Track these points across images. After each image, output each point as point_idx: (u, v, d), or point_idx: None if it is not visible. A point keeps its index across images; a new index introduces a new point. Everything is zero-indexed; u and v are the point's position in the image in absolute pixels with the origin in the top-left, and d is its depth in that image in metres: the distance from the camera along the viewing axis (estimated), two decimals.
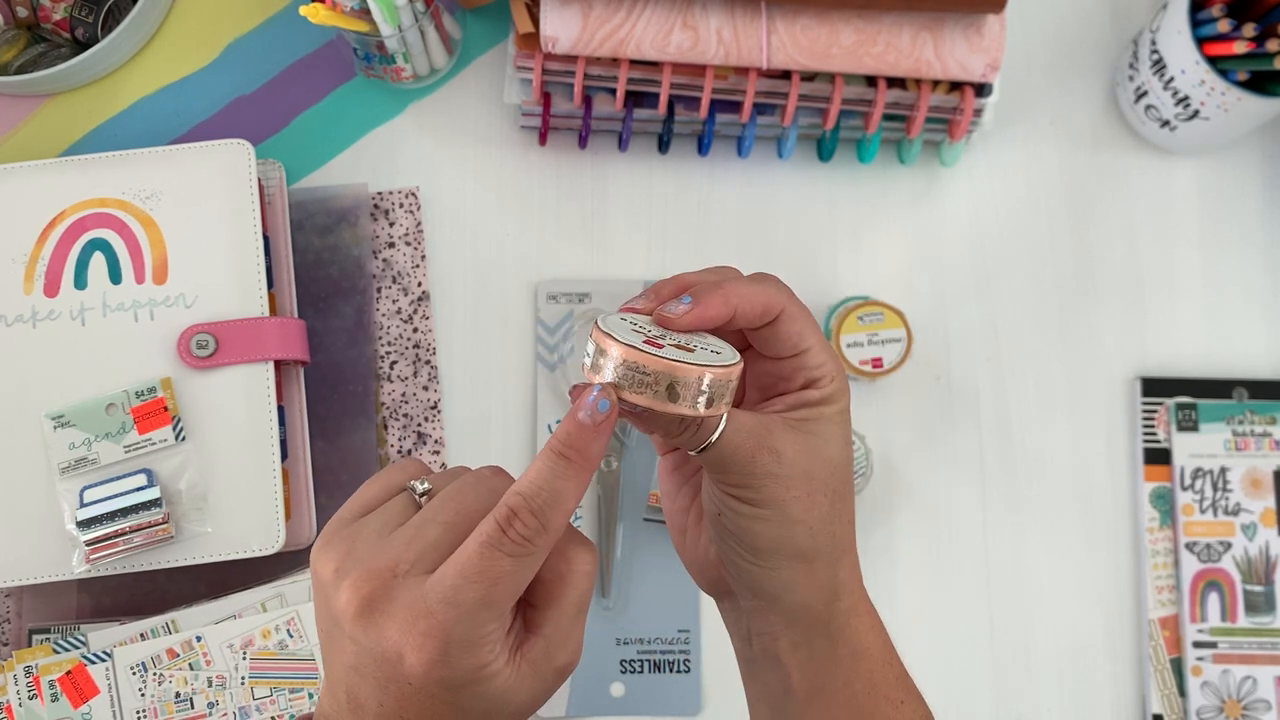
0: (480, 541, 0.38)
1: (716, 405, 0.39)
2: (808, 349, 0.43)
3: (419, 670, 0.38)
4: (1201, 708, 0.68)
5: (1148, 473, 0.71)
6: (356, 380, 0.71)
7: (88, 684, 0.63)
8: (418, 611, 0.38)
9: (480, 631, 0.38)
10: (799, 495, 0.42)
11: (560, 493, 0.39)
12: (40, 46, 0.74)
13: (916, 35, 0.65)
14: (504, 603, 0.38)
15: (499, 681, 0.40)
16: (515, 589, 0.39)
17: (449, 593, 0.38)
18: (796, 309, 0.43)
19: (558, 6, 0.65)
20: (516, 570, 0.38)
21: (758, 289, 0.43)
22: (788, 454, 0.42)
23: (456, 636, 0.38)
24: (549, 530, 0.39)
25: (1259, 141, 0.76)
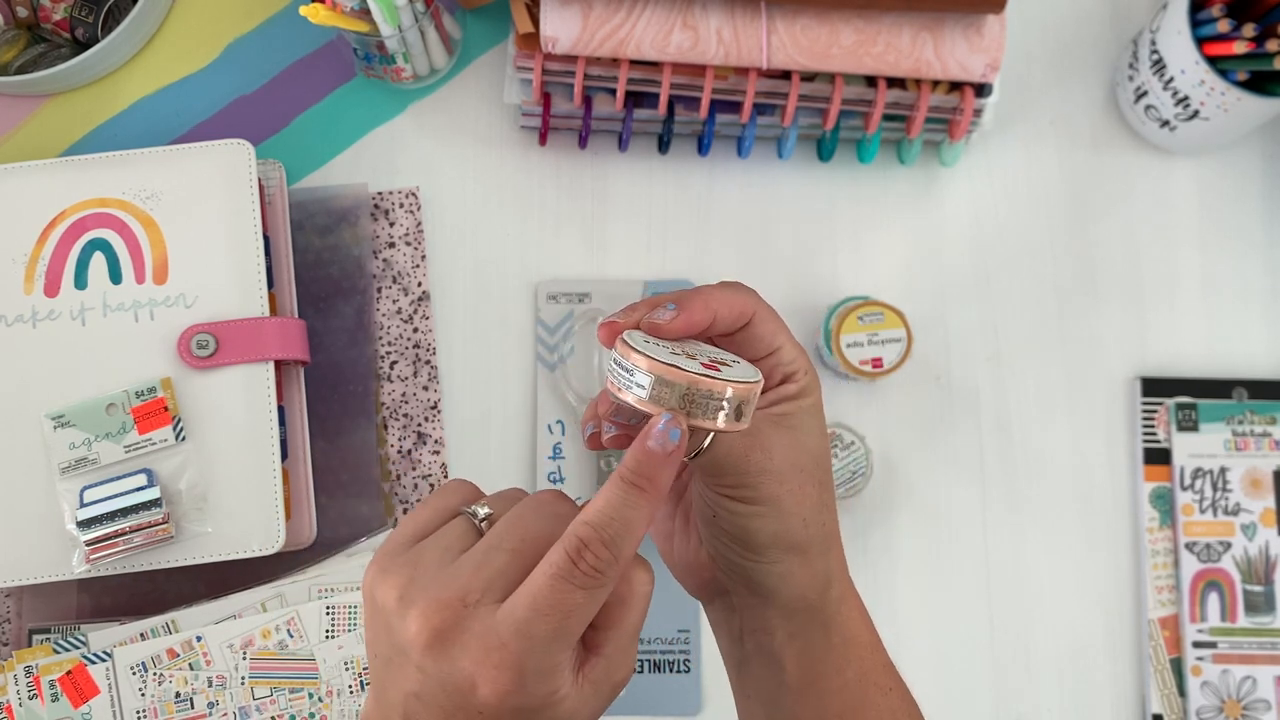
0: (551, 574, 0.38)
1: (744, 419, 0.39)
2: (779, 347, 0.45)
3: (493, 702, 0.38)
4: (1201, 708, 0.68)
5: (1148, 473, 0.71)
6: (357, 380, 0.71)
7: (88, 684, 0.63)
8: (491, 644, 0.38)
9: (553, 661, 0.38)
10: (792, 489, 0.43)
11: (631, 522, 0.39)
12: (40, 47, 0.74)
13: (916, 35, 0.65)
14: (576, 633, 0.39)
15: (567, 705, 0.40)
16: (586, 619, 0.39)
17: (522, 625, 0.38)
18: (766, 311, 0.45)
19: (558, 6, 0.65)
20: (588, 602, 0.38)
21: (732, 294, 0.44)
22: (777, 449, 0.43)
23: (531, 667, 0.38)
24: (620, 561, 0.39)
25: (1259, 141, 0.76)
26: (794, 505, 0.43)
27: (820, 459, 0.45)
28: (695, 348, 0.42)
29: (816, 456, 0.45)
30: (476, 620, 0.38)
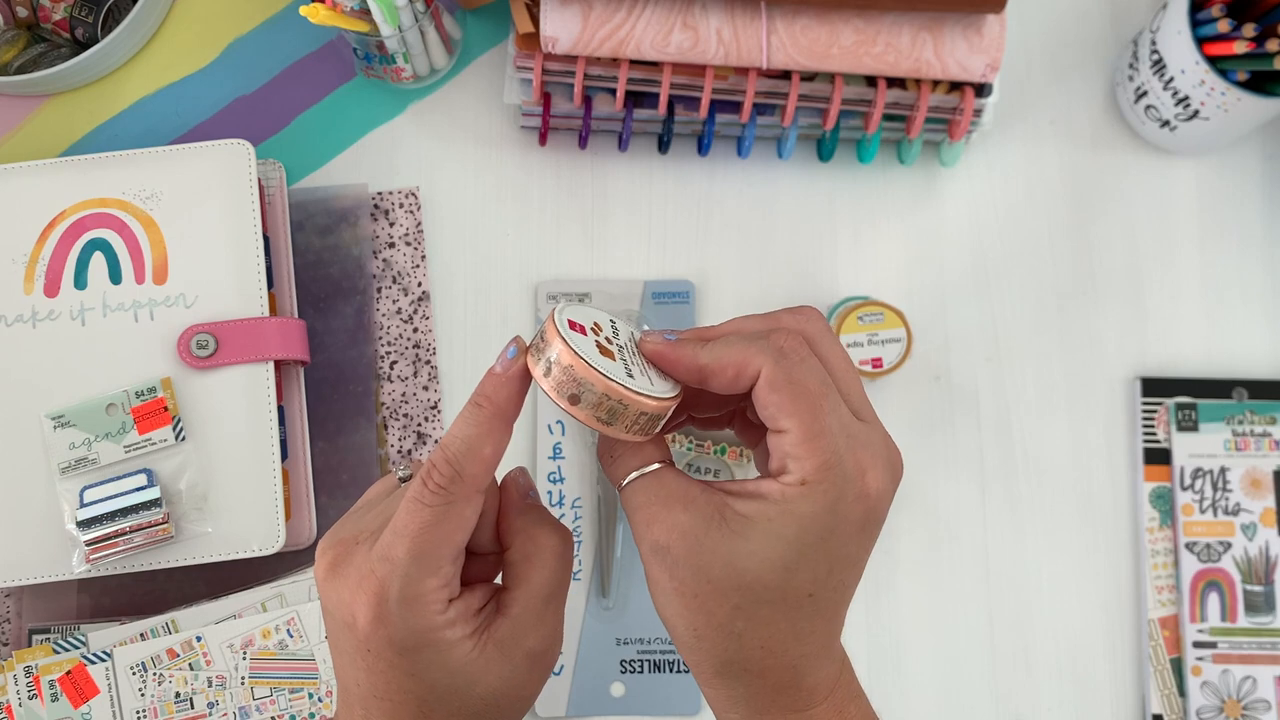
0: (406, 498, 0.39)
1: (614, 427, 0.39)
2: (783, 431, 0.37)
3: (366, 629, 0.39)
4: (1201, 708, 0.68)
5: (1147, 473, 0.71)
6: (357, 380, 0.71)
7: (88, 684, 0.63)
8: (364, 572, 0.39)
9: (416, 588, 0.39)
10: (684, 590, 0.37)
11: (471, 440, 0.39)
12: (40, 46, 0.74)
13: (916, 35, 0.65)
14: (432, 555, 0.39)
15: (458, 654, 0.40)
16: (441, 540, 0.39)
17: (382, 549, 0.39)
18: (783, 378, 0.37)
19: (558, 6, 0.65)
20: (438, 520, 0.39)
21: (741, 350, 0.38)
22: (682, 540, 0.37)
23: (393, 592, 0.39)
24: (464, 477, 0.39)
25: (1259, 141, 0.76)
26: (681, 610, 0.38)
27: (751, 586, 0.37)
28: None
29: (747, 580, 0.37)
30: (358, 554, 0.40)
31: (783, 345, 0.38)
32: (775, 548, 0.37)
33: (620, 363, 0.39)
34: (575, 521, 0.69)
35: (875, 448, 0.38)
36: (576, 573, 0.69)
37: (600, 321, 0.41)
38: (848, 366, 0.40)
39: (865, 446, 0.38)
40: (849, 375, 0.40)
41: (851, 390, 0.40)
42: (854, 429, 0.38)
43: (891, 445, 0.40)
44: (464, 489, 0.39)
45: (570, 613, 0.68)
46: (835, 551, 0.37)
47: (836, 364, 0.40)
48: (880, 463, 0.38)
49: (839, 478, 0.37)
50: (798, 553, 0.37)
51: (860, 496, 0.37)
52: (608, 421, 0.38)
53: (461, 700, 0.41)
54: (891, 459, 0.39)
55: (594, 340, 0.39)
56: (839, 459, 0.37)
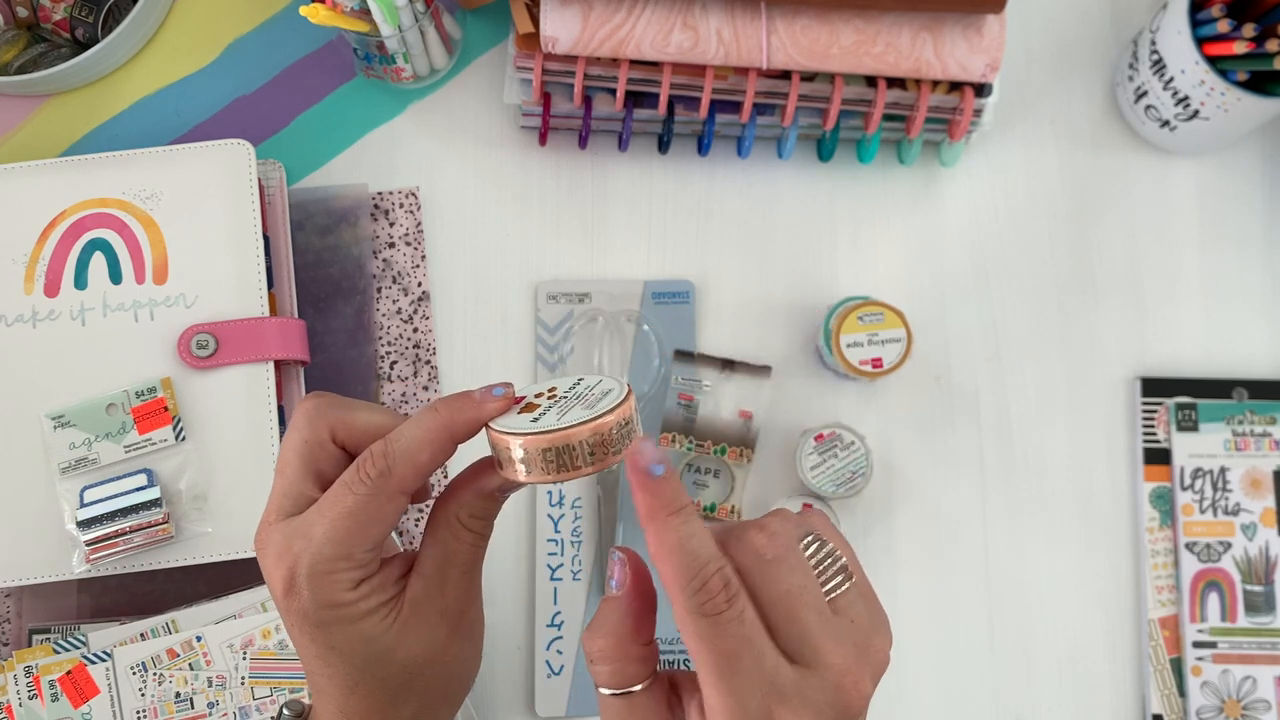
0: (338, 482, 0.42)
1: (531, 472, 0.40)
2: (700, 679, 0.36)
3: (281, 602, 0.42)
4: (1201, 708, 0.68)
5: (1147, 473, 0.71)
6: (357, 380, 0.71)
7: (88, 684, 0.63)
8: (281, 546, 0.42)
9: (327, 566, 0.41)
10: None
11: (415, 442, 0.42)
12: (40, 46, 0.74)
13: (916, 35, 0.65)
14: (346, 541, 0.41)
15: (370, 624, 0.42)
16: (357, 530, 0.41)
17: (302, 525, 0.42)
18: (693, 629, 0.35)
19: (558, 7, 0.65)
20: (358, 509, 0.41)
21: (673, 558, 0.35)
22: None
23: (304, 568, 0.41)
24: (394, 475, 0.41)
25: (1259, 141, 0.76)
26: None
27: None
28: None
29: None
30: (274, 531, 0.43)
31: (703, 600, 0.35)
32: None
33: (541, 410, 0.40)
34: (575, 522, 0.69)
35: (804, 700, 0.36)
36: (576, 573, 0.69)
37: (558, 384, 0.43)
38: (797, 601, 0.37)
39: (787, 703, 0.36)
40: (795, 611, 0.37)
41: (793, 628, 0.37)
42: (779, 686, 0.36)
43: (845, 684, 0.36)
44: (390, 486, 0.41)
45: (570, 613, 0.68)
46: None
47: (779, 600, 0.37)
48: (808, 716, 0.36)
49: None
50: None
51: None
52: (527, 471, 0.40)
53: (384, 669, 0.43)
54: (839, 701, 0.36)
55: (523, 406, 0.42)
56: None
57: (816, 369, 0.72)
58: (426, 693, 0.45)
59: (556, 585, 0.69)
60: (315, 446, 0.44)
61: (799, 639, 0.37)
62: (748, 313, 0.73)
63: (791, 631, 0.36)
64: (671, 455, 0.69)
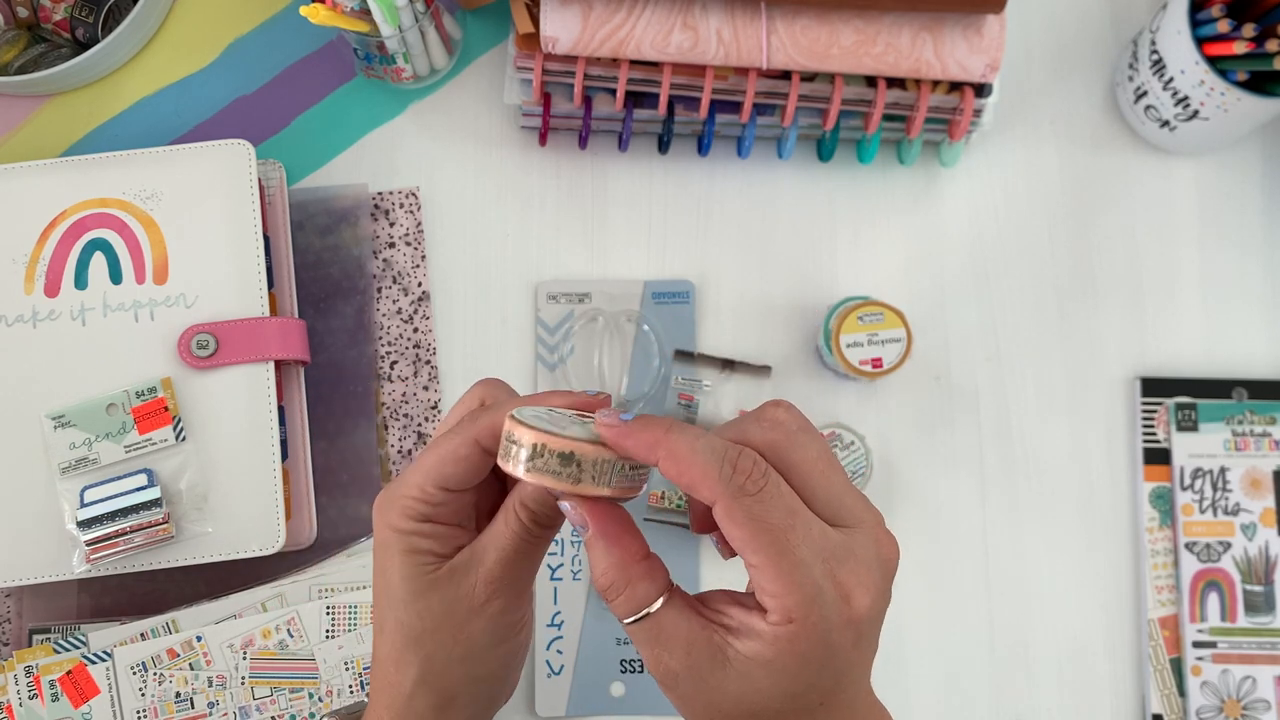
0: None
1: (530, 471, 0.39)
2: (754, 565, 0.37)
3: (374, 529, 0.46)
4: (1201, 707, 0.68)
5: (1147, 472, 0.71)
6: (357, 380, 0.71)
7: (88, 684, 0.63)
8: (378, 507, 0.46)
9: (391, 491, 0.45)
10: (696, 713, 0.39)
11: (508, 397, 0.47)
12: (41, 47, 0.74)
13: (916, 35, 0.65)
14: (418, 472, 0.44)
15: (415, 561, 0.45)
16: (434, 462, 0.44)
17: (386, 490, 0.46)
18: (741, 513, 0.36)
19: (558, 7, 0.65)
20: (437, 443, 0.44)
21: (697, 458, 0.36)
22: (690, 680, 0.38)
23: (379, 520, 0.45)
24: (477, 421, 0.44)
25: (1259, 141, 0.76)
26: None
27: (761, 713, 0.37)
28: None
29: (753, 708, 0.37)
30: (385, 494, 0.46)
31: (741, 480, 0.36)
32: (779, 682, 0.37)
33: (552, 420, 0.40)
34: None
35: (858, 559, 0.37)
36: (576, 573, 0.69)
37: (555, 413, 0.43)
38: (824, 465, 0.38)
39: (845, 563, 0.37)
40: (825, 474, 0.38)
41: (829, 492, 0.38)
42: (831, 548, 0.37)
43: (882, 539, 0.39)
44: (469, 430, 0.44)
45: (570, 612, 0.68)
46: (837, 669, 0.38)
47: (809, 467, 0.38)
48: (865, 575, 0.37)
49: (823, 609, 0.36)
50: (800, 682, 0.37)
51: (849, 622, 0.37)
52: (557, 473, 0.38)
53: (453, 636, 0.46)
54: (880, 557, 0.38)
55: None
56: (819, 590, 0.36)
57: (816, 369, 0.72)
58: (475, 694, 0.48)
59: (556, 585, 0.69)
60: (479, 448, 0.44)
61: (836, 501, 0.38)
62: (748, 313, 0.73)
63: (829, 495, 0.38)
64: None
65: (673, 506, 0.68)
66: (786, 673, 0.37)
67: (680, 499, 0.68)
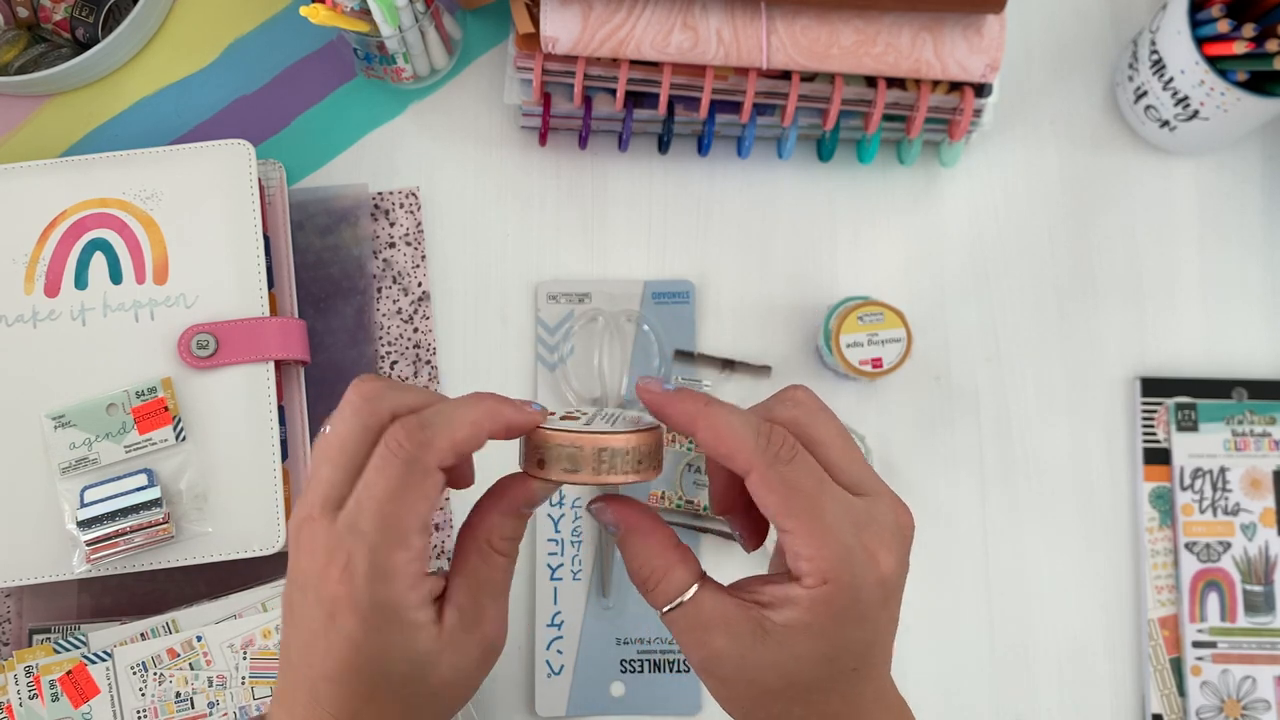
0: (369, 466, 0.39)
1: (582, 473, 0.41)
2: (789, 530, 0.39)
3: (333, 604, 0.38)
4: (1201, 707, 0.68)
5: (1147, 473, 0.71)
6: None
7: (88, 684, 0.63)
8: (329, 549, 0.38)
9: (387, 561, 0.38)
10: (740, 695, 0.40)
11: (454, 417, 0.39)
12: (41, 47, 0.75)
13: (916, 36, 0.65)
14: (400, 526, 0.38)
15: (422, 638, 0.39)
16: (406, 509, 0.38)
17: (350, 523, 0.38)
18: (776, 479, 0.38)
19: (558, 7, 0.65)
20: (400, 488, 0.38)
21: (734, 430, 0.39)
22: (731, 659, 0.39)
23: (364, 567, 0.38)
24: (433, 446, 0.39)
25: (1259, 141, 0.76)
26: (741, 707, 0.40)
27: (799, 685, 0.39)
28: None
29: (791, 679, 0.39)
30: (320, 530, 0.38)
31: (776, 449, 0.39)
32: (817, 646, 0.39)
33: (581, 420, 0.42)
34: (575, 522, 0.70)
35: (880, 524, 0.40)
36: (576, 573, 0.69)
37: (574, 411, 0.44)
38: (843, 441, 0.41)
39: (869, 527, 0.39)
40: (845, 449, 0.41)
41: (849, 464, 0.41)
42: (857, 513, 0.39)
43: (898, 508, 0.41)
44: (428, 459, 0.39)
45: (570, 612, 0.69)
46: (868, 631, 0.40)
47: (830, 441, 0.41)
48: (888, 538, 0.40)
49: (854, 570, 0.38)
50: (836, 644, 0.39)
51: (878, 581, 0.39)
52: (573, 469, 0.40)
53: (414, 689, 0.40)
54: (899, 524, 0.41)
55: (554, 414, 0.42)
56: (849, 551, 0.38)
57: (816, 369, 0.72)
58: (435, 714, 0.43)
59: (556, 585, 0.69)
60: (376, 433, 0.40)
61: (856, 474, 0.40)
62: (748, 313, 0.73)
63: (848, 468, 0.40)
64: (671, 455, 0.69)
65: (672, 506, 0.68)
66: (824, 634, 0.39)
67: (680, 499, 0.68)
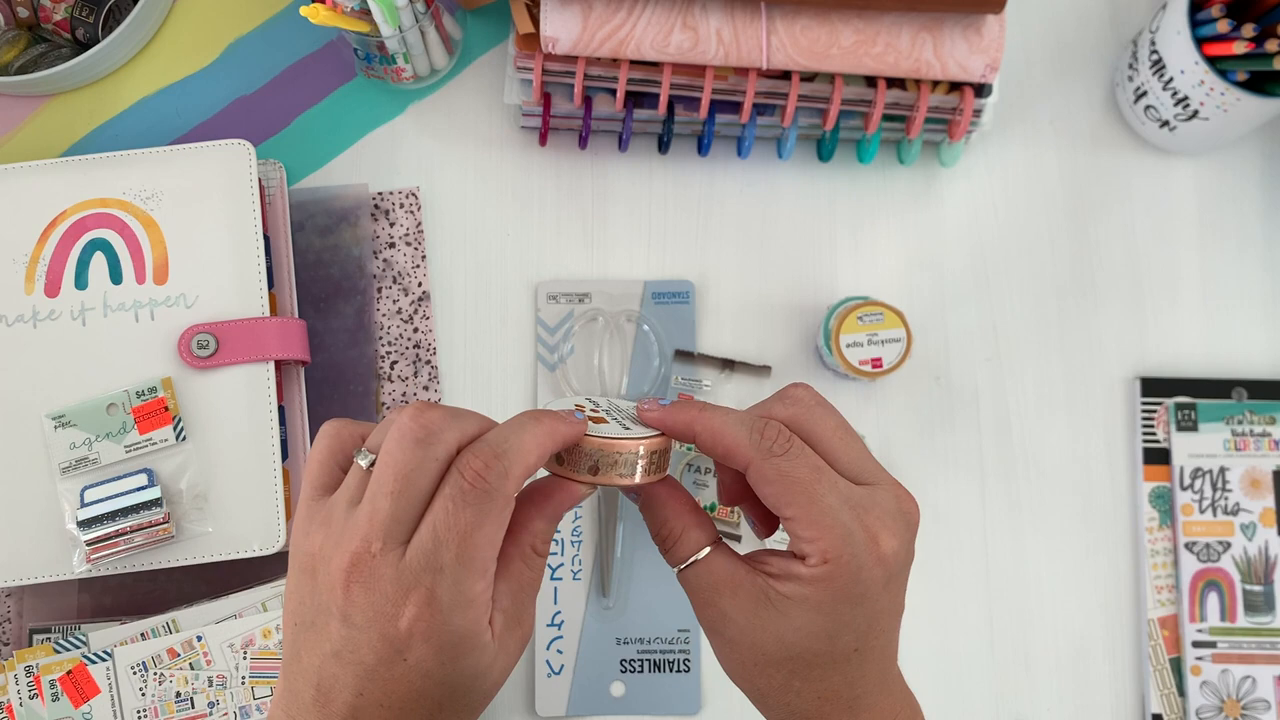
0: (444, 498, 0.39)
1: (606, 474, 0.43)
2: (790, 517, 0.41)
3: (408, 638, 0.38)
4: (1201, 707, 0.68)
5: (1147, 472, 0.71)
6: (357, 380, 0.71)
7: (88, 683, 0.63)
8: (406, 583, 0.38)
9: (468, 592, 0.39)
10: (743, 659, 0.42)
11: (523, 443, 0.40)
12: (41, 47, 0.75)
13: (916, 36, 0.65)
14: (481, 557, 0.39)
15: (488, 654, 0.40)
16: (485, 542, 0.39)
17: (425, 557, 0.38)
18: (772, 471, 0.41)
19: (558, 7, 0.65)
20: (482, 520, 0.39)
21: (729, 429, 0.42)
22: (737, 621, 0.42)
23: (445, 600, 0.38)
24: (511, 476, 0.39)
25: (1259, 141, 0.76)
26: (745, 674, 0.43)
27: (802, 654, 0.41)
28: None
29: (794, 650, 0.41)
30: (386, 565, 0.38)
31: (770, 444, 0.42)
32: (817, 621, 0.41)
33: (613, 423, 0.44)
34: (575, 521, 0.70)
35: (882, 508, 0.42)
36: (576, 573, 0.69)
37: (581, 402, 0.46)
38: (843, 434, 0.43)
39: (870, 511, 0.41)
40: (845, 442, 0.43)
41: (850, 456, 0.43)
42: (857, 498, 0.42)
43: (901, 495, 0.43)
44: (507, 487, 0.39)
45: (570, 612, 0.69)
46: (870, 611, 0.41)
47: (830, 435, 0.43)
48: (889, 522, 0.41)
49: (854, 550, 0.41)
50: (837, 621, 0.41)
51: (879, 561, 0.41)
52: (596, 469, 0.43)
53: (471, 699, 0.41)
54: (903, 510, 0.42)
55: (585, 416, 0.44)
56: (848, 533, 0.41)
57: (816, 369, 0.72)
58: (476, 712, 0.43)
59: (556, 585, 0.69)
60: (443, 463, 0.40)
61: (856, 464, 0.43)
62: (748, 313, 0.73)
63: (850, 459, 0.43)
64: (672, 455, 0.69)
65: None
66: (824, 610, 0.41)
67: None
